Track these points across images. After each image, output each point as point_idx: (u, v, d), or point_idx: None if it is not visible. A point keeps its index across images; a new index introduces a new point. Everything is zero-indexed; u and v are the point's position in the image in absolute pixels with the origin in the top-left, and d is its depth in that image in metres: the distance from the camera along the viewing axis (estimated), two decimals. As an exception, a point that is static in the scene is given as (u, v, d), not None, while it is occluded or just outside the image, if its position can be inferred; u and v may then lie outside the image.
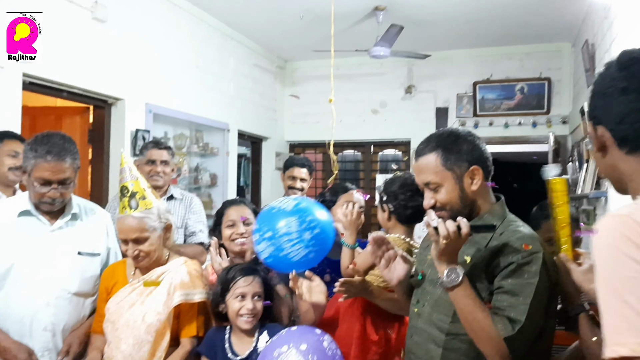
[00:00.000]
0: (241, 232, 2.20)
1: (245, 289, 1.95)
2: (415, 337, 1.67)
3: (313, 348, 1.72)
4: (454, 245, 1.47)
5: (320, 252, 2.01)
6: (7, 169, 2.74)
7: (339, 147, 6.77)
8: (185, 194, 3.36)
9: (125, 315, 2.00)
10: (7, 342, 2.03)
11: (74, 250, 2.18)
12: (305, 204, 2.04)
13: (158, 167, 3.16)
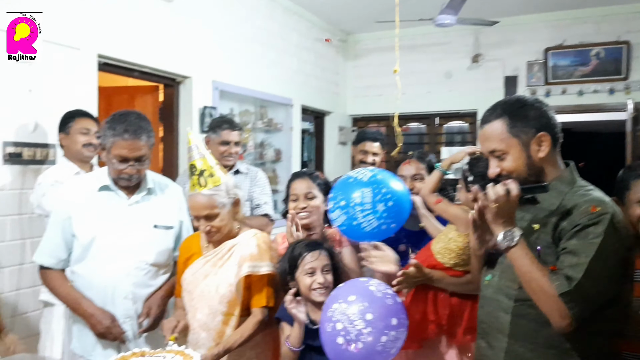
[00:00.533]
0: (302, 207, 2.21)
1: (314, 263, 1.98)
2: (485, 307, 1.69)
3: (362, 296, 1.76)
4: (506, 207, 1.49)
5: (394, 224, 2.01)
6: (81, 146, 2.88)
7: (403, 120, 6.64)
8: (250, 169, 3.44)
9: (200, 285, 2.08)
10: (92, 309, 2.16)
11: (149, 223, 2.27)
12: (381, 176, 2.06)
13: (232, 148, 3.25)
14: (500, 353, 1.61)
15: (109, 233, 2.20)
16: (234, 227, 2.14)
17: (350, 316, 1.72)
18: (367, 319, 1.71)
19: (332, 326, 1.75)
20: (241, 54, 4.92)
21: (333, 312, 1.76)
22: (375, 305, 1.74)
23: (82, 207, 2.22)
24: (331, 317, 1.76)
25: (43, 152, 3.17)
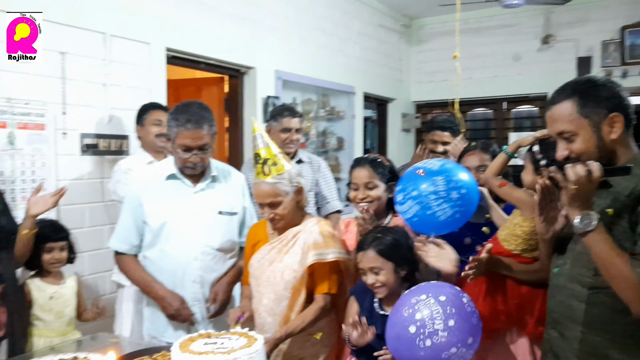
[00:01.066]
0: (362, 197, 2.19)
1: (361, 264, 1.99)
2: (557, 296, 1.63)
3: (452, 301, 1.74)
4: (585, 190, 1.42)
5: (465, 213, 1.98)
6: (153, 136, 3.02)
7: (468, 105, 6.50)
8: (312, 158, 3.46)
9: (266, 272, 2.14)
10: (163, 292, 2.27)
11: (214, 209, 2.35)
12: (450, 165, 2.04)
13: (293, 135, 3.29)
14: (574, 343, 1.56)
15: (177, 219, 2.29)
16: (297, 214, 2.17)
17: (434, 313, 1.70)
18: (448, 324, 1.69)
19: (410, 312, 1.73)
20: (303, 43, 4.96)
21: (418, 301, 1.74)
22: (462, 317, 1.72)
23: (152, 195, 2.32)
24: (414, 304, 1.74)
25: (117, 143, 3.34)
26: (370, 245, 1.97)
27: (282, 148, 3.21)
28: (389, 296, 1.98)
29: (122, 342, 2.33)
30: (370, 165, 2.22)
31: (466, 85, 5.98)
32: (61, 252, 2.51)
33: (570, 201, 1.46)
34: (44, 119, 2.95)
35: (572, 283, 1.57)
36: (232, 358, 1.51)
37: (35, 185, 2.91)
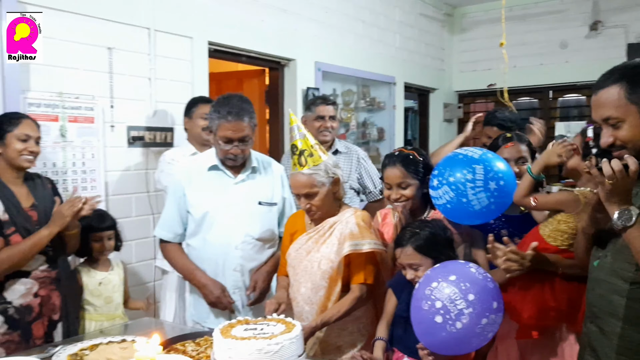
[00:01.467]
0: (396, 197, 2.15)
1: (399, 260, 2.00)
2: (597, 289, 1.60)
3: (462, 276, 1.74)
4: (622, 185, 1.39)
5: (501, 205, 1.96)
6: (200, 130, 3.09)
7: (513, 95, 6.34)
8: (350, 148, 3.46)
9: (303, 261, 2.18)
10: (205, 280, 2.34)
11: (255, 200, 2.41)
12: (491, 155, 2.01)
13: (327, 123, 3.30)
14: (613, 338, 1.53)
15: (218, 209, 2.36)
16: (334, 205, 2.19)
17: (452, 295, 1.71)
18: (469, 300, 1.70)
19: (429, 304, 1.74)
20: (343, 35, 4.96)
21: (432, 290, 1.75)
22: (478, 287, 1.72)
23: (195, 185, 2.39)
24: (429, 295, 1.75)
25: (162, 135, 3.44)
26: (408, 241, 1.96)
27: (317, 136, 3.24)
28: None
29: (167, 326, 2.43)
30: (402, 164, 2.13)
31: (510, 74, 5.85)
32: (109, 241, 2.63)
33: (607, 197, 1.43)
34: (93, 112, 3.07)
35: (613, 277, 1.54)
36: (274, 343, 1.56)
37: (86, 177, 3.05)
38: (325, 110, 3.31)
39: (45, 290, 2.30)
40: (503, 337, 2.09)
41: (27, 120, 2.33)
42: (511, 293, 2.03)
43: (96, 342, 1.94)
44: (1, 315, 2.19)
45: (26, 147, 2.27)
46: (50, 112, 2.86)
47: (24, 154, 2.26)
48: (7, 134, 2.25)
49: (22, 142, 2.26)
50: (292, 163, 2.15)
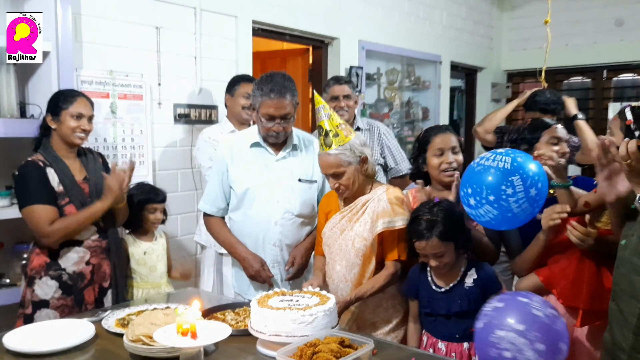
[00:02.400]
0: (450, 162, 2.19)
1: (423, 251, 1.97)
2: (620, 268, 1.58)
3: (530, 324, 1.70)
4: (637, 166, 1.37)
5: (542, 205, 1.92)
6: (241, 109, 3.14)
7: (564, 74, 6.17)
8: (372, 123, 3.43)
9: (338, 240, 2.21)
10: (245, 253, 2.41)
11: (295, 177, 2.45)
12: (520, 158, 1.92)
13: (341, 102, 3.28)
14: (631, 318, 1.51)
15: (259, 186, 2.41)
16: (365, 184, 2.21)
17: (521, 346, 1.69)
18: (539, 349, 1.68)
19: (498, 353, 1.73)
20: (388, 12, 4.91)
21: (499, 339, 1.72)
22: (546, 334, 1.69)
23: (237, 161, 2.45)
24: (497, 343, 1.73)
25: (207, 113, 3.53)
26: (431, 232, 1.94)
27: None
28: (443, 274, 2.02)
29: (209, 297, 2.52)
30: (450, 131, 2.25)
31: (563, 53, 5.67)
32: (160, 214, 2.75)
33: (629, 177, 1.41)
34: (141, 90, 3.18)
35: (636, 257, 1.51)
36: (307, 314, 1.60)
37: (135, 152, 3.17)
38: (338, 90, 3.29)
39: (96, 259, 2.43)
40: None
41: (81, 98, 2.43)
42: (564, 277, 2.00)
43: (142, 309, 2.05)
44: (56, 281, 2.33)
45: (79, 124, 2.38)
46: (101, 89, 2.98)
47: (76, 131, 2.38)
48: (62, 111, 2.36)
49: (75, 120, 2.37)
50: (319, 144, 2.17)
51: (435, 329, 2.04)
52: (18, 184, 2.33)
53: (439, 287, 2.02)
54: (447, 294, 2.01)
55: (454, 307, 1.99)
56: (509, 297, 1.83)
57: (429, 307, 2.00)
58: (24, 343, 1.71)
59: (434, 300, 2.01)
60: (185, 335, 1.44)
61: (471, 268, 2.03)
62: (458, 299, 1.99)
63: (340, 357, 1.41)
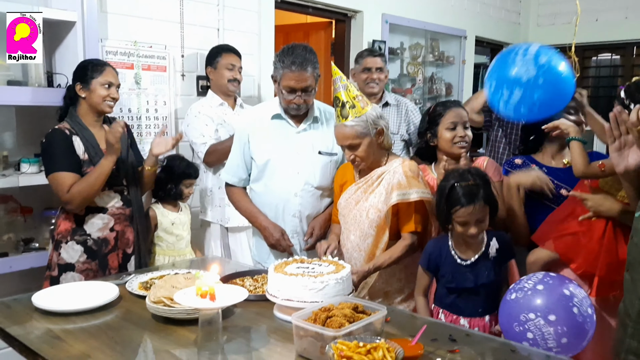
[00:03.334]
0: (462, 135, 2.21)
1: (467, 217, 1.93)
2: (634, 238, 1.59)
3: (563, 318, 1.72)
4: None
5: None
6: (226, 81, 3.09)
7: (593, 50, 6.02)
8: (399, 100, 3.42)
9: (353, 211, 2.24)
10: (266, 223, 2.46)
11: (315, 149, 2.47)
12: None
13: (374, 74, 3.26)
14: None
15: (280, 157, 2.44)
16: (380, 156, 2.22)
17: (545, 334, 1.72)
18: (562, 342, 1.71)
19: (521, 330, 1.76)
20: (413, -15, 4.84)
21: (527, 322, 1.75)
22: (574, 332, 1.71)
23: (258, 133, 2.48)
24: (524, 323, 1.76)
25: (229, 85, 3.55)
26: (478, 196, 1.92)
27: (365, 89, 3.25)
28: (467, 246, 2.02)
29: (230, 264, 2.58)
30: (462, 107, 2.27)
31: (592, 28, 5.53)
32: (192, 188, 2.92)
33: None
34: (165, 61, 3.22)
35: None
36: (319, 281, 1.65)
37: (158, 123, 3.22)
38: (372, 62, 3.27)
39: (120, 226, 2.50)
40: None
41: (109, 68, 2.48)
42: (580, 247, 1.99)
43: (164, 273, 2.12)
44: (81, 246, 2.41)
45: (109, 93, 2.43)
46: (125, 60, 3.03)
47: (106, 99, 2.43)
48: (92, 80, 2.41)
49: (105, 89, 2.43)
50: (335, 115, 2.18)
51: (456, 306, 2.02)
52: (45, 151, 2.40)
53: (464, 260, 2.00)
54: (473, 266, 1.99)
55: (480, 279, 1.98)
56: (554, 283, 1.82)
57: (454, 282, 1.99)
58: (52, 302, 1.79)
59: (460, 274, 2.00)
60: (204, 298, 1.49)
61: (492, 237, 2.02)
62: (485, 270, 1.98)
63: (354, 322, 1.45)
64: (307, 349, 1.44)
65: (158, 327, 1.67)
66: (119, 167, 2.47)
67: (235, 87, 3.17)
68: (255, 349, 1.56)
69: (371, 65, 3.27)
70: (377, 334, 1.48)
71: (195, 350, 1.52)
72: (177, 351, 1.53)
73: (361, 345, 1.32)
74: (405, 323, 1.76)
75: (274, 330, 1.67)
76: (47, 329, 1.65)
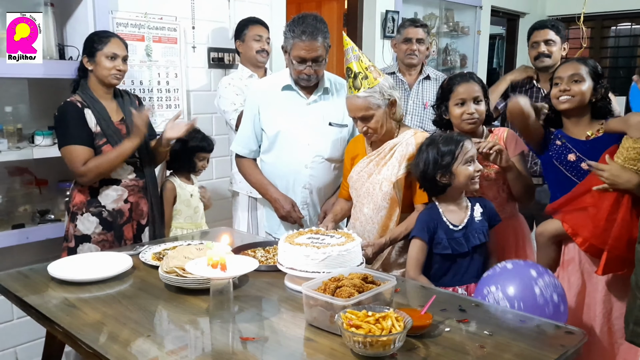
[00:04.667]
0: (471, 112, 2.15)
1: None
2: None
3: (522, 294, 1.71)
4: None
5: None
6: (254, 52, 3.11)
7: (612, 20, 5.87)
8: (438, 75, 3.39)
9: (365, 184, 2.23)
10: (276, 194, 2.47)
11: (325, 121, 2.46)
12: None
13: (414, 45, 3.23)
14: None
15: (291, 128, 2.44)
16: (393, 127, 2.20)
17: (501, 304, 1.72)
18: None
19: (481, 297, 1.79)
20: (427, -47, 4.73)
21: (489, 293, 1.77)
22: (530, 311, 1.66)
23: (268, 104, 2.47)
24: (486, 295, 1.77)
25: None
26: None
27: (405, 60, 3.23)
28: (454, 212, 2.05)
29: (242, 235, 2.60)
30: (476, 80, 2.21)
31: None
32: (207, 162, 2.91)
33: None
34: (175, 33, 3.20)
35: None
36: (321, 252, 1.66)
37: (170, 95, 3.22)
38: (412, 33, 3.23)
39: (134, 197, 2.53)
40: (567, 263, 2.08)
41: (115, 38, 2.46)
42: (589, 221, 1.96)
43: (177, 244, 2.15)
44: (97, 217, 2.45)
45: (114, 65, 2.42)
46: (136, 32, 3.01)
47: (112, 71, 2.42)
48: (97, 52, 2.40)
49: (110, 60, 2.41)
50: (347, 86, 2.15)
51: (452, 276, 2.03)
52: (57, 124, 2.42)
53: (455, 226, 2.03)
54: (463, 230, 2.02)
55: (472, 242, 2.02)
56: (524, 265, 1.85)
57: (450, 248, 2.00)
58: (67, 272, 1.83)
59: (454, 239, 2.02)
60: (215, 268, 1.51)
61: (475, 203, 2.08)
62: (475, 233, 2.02)
63: (363, 292, 1.46)
64: (317, 318, 1.46)
65: (171, 296, 1.70)
66: None
67: (264, 58, 3.16)
68: (266, 317, 1.58)
69: (412, 35, 3.22)
70: (386, 304, 1.49)
71: (207, 318, 1.54)
72: (190, 319, 1.55)
73: (370, 315, 1.34)
74: (415, 294, 1.77)
75: (285, 299, 1.69)
76: (63, 297, 1.69)
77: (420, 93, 3.29)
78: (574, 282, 2.05)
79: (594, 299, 2.02)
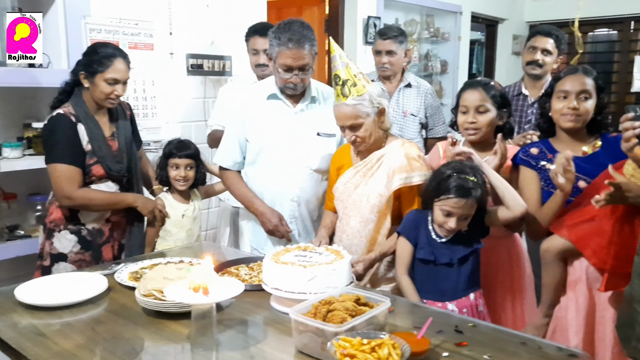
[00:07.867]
0: (471, 121, 2.08)
1: (453, 210, 1.86)
2: None
3: None
4: None
5: None
6: (254, 66, 2.98)
7: (589, 26, 5.92)
8: (420, 83, 3.32)
9: (352, 196, 2.14)
10: (263, 208, 2.36)
11: (313, 131, 2.36)
12: None
13: (384, 58, 3.16)
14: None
15: (277, 139, 2.34)
16: (380, 137, 2.12)
17: None
18: None
19: None
20: (408, -41, 4.69)
21: None
22: None
23: (253, 114, 2.37)
24: None
25: (220, 64, 3.43)
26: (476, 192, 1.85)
27: (378, 72, 3.17)
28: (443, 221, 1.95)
29: (225, 251, 2.49)
30: (483, 88, 2.10)
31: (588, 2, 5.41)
32: (188, 171, 2.47)
33: None
34: (152, 39, 3.08)
35: None
36: (308, 272, 1.57)
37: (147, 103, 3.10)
38: (380, 45, 3.16)
39: (116, 217, 2.38)
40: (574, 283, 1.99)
41: (118, 60, 2.26)
42: (595, 235, 1.88)
43: (155, 262, 2.03)
44: (75, 235, 2.30)
45: (113, 90, 2.26)
46: (110, 38, 2.89)
47: (110, 97, 2.27)
48: (96, 75, 2.23)
49: (109, 86, 2.25)
50: (335, 94, 2.07)
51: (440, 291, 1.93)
52: (47, 137, 2.25)
53: (439, 237, 1.94)
54: (448, 244, 1.93)
55: (457, 255, 1.92)
56: None
57: (432, 255, 1.92)
58: (36, 296, 1.70)
59: (436, 249, 1.93)
60: (197, 292, 1.41)
61: None
62: (460, 247, 1.92)
63: (356, 316, 1.37)
64: (308, 344, 1.36)
65: (149, 321, 1.59)
66: (121, 158, 2.35)
67: (264, 72, 2.95)
68: (252, 344, 1.47)
69: (380, 48, 3.16)
70: (380, 327, 1.41)
71: (189, 346, 1.44)
72: (170, 347, 1.45)
73: (365, 343, 1.25)
74: (409, 313, 1.69)
75: (271, 322, 1.60)
76: (30, 324, 1.56)
77: (400, 101, 3.23)
78: (582, 302, 1.96)
79: (603, 318, 1.95)
